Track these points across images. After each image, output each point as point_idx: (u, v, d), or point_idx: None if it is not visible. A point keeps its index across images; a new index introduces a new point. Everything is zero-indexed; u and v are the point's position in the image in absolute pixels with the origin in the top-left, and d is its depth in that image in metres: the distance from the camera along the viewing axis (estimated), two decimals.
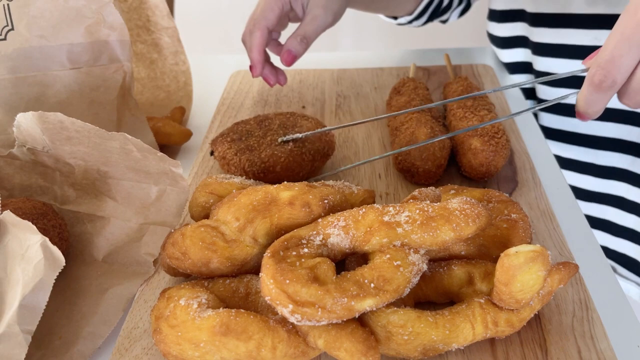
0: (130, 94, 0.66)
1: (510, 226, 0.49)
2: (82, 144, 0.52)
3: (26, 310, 0.42)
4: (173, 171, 0.52)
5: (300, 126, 0.64)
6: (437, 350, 0.42)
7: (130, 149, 0.51)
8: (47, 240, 0.44)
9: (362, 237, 0.44)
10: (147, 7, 0.78)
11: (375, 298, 0.40)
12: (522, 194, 0.61)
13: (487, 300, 0.44)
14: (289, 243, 0.44)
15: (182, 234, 0.47)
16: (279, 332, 0.41)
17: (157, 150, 0.51)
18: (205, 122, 0.80)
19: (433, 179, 0.62)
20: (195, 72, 0.88)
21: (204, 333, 0.41)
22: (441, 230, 0.43)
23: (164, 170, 0.53)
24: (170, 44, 0.80)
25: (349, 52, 1.00)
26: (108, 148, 0.52)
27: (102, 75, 0.64)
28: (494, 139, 0.61)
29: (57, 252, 0.44)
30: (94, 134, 0.51)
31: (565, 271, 0.45)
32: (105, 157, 0.53)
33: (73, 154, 0.54)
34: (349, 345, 0.40)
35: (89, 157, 0.54)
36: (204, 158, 0.70)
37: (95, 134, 0.50)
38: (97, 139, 0.51)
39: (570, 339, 0.45)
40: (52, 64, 0.62)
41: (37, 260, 0.43)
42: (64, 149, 0.54)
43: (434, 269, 0.47)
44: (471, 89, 0.72)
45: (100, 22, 0.62)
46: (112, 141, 0.51)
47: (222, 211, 0.48)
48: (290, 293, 0.40)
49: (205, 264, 0.46)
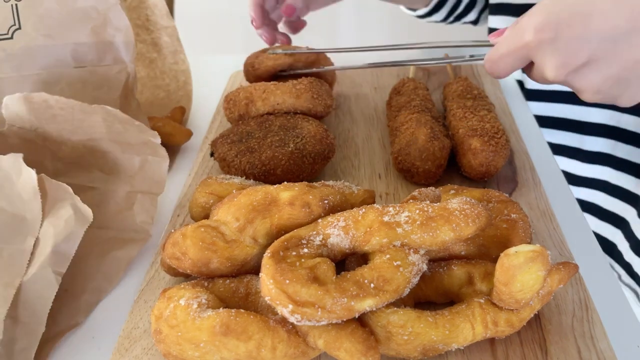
0: (132, 95, 0.67)
1: (510, 226, 0.49)
2: (67, 122, 0.57)
3: (58, 256, 0.48)
4: (152, 141, 0.57)
5: (301, 128, 0.64)
6: (437, 351, 0.42)
7: (111, 121, 0.56)
8: (78, 199, 0.50)
9: (362, 237, 0.44)
10: (147, 7, 0.78)
11: (375, 298, 0.40)
12: (522, 194, 0.61)
13: (487, 300, 0.44)
14: (288, 243, 0.44)
15: (182, 234, 0.47)
16: (279, 332, 0.41)
17: (134, 120, 0.55)
18: (205, 122, 0.80)
19: (433, 179, 0.62)
20: (195, 72, 0.88)
21: (204, 333, 0.41)
22: (441, 230, 0.43)
23: (144, 141, 0.57)
24: (169, 43, 0.80)
25: (349, 52, 1.00)
26: (91, 123, 0.56)
27: (106, 75, 0.65)
28: (493, 139, 0.61)
29: (87, 209, 0.50)
30: (78, 109, 0.55)
31: (565, 271, 0.45)
32: (89, 133, 0.58)
33: (59, 132, 0.58)
34: (349, 345, 0.40)
35: (75, 134, 0.58)
36: (204, 158, 0.70)
37: (79, 109, 0.55)
38: (81, 114, 0.55)
39: (570, 339, 0.45)
40: (57, 62, 0.63)
41: (68, 216, 0.49)
42: (51, 126, 0.57)
43: (434, 269, 0.47)
44: (471, 88, 0.72)
45: (106, 23, 0.63)
46: (94, 115, 0.55)
47: (222, 211, 0.48)
48: (290, 293, 0.40)
49: (205, 264, 0.46)
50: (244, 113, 0.69)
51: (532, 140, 0.72)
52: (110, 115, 0.55)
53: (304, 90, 0.67)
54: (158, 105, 0.81)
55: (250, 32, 0.85)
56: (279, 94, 0.67)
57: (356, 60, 0.96)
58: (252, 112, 0.68)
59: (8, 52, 0.61)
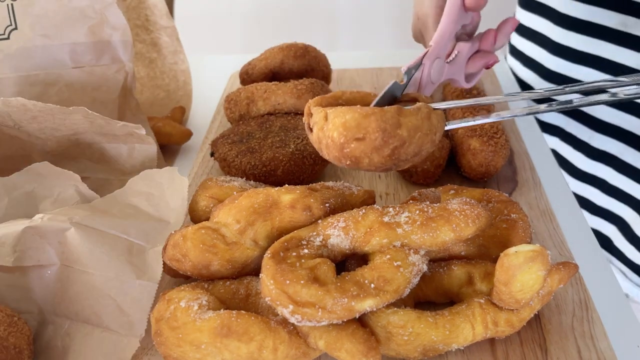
0: (131, 94, 0.67)
1: (510, 226, 0.49)
2: (47, 121, 0.57)
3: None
4: (137, 132, 0.58)
5: (301, 128, 0.64)
6: (437, 351, 0.42)
7: (93, 118, 0.56)
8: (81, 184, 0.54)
9: (362, 237, 0.44)
10: (146, 7, 0.78)
11: (375, 298, 0.40)
12: (522, 194, 0.61)
13: (487, 300, 0.44)
14: (289, 244, 0.44)
15: (182, 235, 0.47)
16: (280, 333, 0.41)
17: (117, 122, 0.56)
18: (205, 122, 0.80)
19: (432, 179, 0.62)
20: (195, 72, 0.88)
21: (205, 335, 0.41)
22: (441, 230, 0.44)
23: (129, 132, 0.58)
24: (169, 43, 0.80)
25: (349, 52, 1.00)
26: (73, 121, 0.57)
27: (104, 74, 0.64)
28: (493, 139, 0.61)
29: (92, 193, 0.54)
30: (57, 111, 0.55)
31: (565, 271, 0.45)
32: (73, 128, 0.58)
33: (42, 130, 0.59)
34: (349, 346, 0.40)
35: (58, 131, 0.59)
36: (204, 158, 0.70)
37: (59, 111, 0.55)
38: (61, 114, 0.56)
39: (570, 339, 0.45)
40: (55, 63, 0.63)
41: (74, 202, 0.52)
42: (32, 126, 0.58)
43: (434, 269, 0.47)
44: (470, 88, 0.72)
45: (103, 22, 0.63)
46: (74, 114, 0.56)
47: (222, 213, 0.48)
48: (291, 294, 0.40)
49: (205, 267, 0.46)
50: (245, 113, 0.69)
51: (532, 140, 0.72)
52: (91, 115, 0.56)
53: (305, 90, 0.67)
54: (158, 105, 0.81)
55: (250, 32, 0.85)
56: (280, 94, 0.67)
57: (356, 60, 0.96)
58: (253, 112, 0.68)
59: (5, 52, 0.61)
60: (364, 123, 0.44)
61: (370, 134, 0.44)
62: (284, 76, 0.75)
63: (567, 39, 0.80)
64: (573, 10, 0.78)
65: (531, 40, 0.88)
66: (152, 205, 0.53)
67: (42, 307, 0.48)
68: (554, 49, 0.82)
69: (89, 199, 0.54)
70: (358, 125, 0.44)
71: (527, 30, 0.88)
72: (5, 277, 0.48)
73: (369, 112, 0.44)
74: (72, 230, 0.47)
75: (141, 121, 0.68)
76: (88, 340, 0.46)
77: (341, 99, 0.51)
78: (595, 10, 0.76)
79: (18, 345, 0.43)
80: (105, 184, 0.61)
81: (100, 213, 0.50)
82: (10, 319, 0.44)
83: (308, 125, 0.49)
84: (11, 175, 0.56)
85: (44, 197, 0.55)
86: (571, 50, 0.80)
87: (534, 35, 0.87)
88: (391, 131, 0.44)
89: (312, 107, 0.49)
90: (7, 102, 0.54)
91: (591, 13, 0.76)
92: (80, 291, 0.47)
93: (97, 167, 0.62)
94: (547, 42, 0.84)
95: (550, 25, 0.83)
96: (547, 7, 0.83)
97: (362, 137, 0.44)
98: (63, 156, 0.62)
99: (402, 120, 0.44)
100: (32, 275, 0.48)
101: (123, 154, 0.60)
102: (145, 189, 0.54)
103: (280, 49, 0.74)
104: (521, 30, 0.89)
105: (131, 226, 0.50)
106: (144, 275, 0.47)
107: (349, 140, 0.44)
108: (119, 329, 0.46)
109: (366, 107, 0.45)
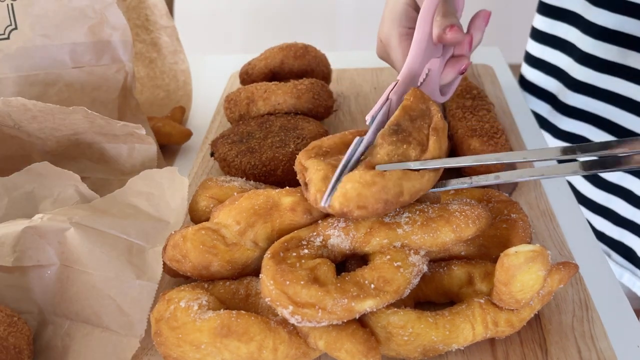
0: (131, 94, 0.67)
1: (510, 226, 0.49)
2: (47, 121, 0.57)
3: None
4: (137, 132, 0.58)
5: (301, 128, 0.64)
6: (437, 351, 0.42)
7: (93, 118, 0.56)
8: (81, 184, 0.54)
9: (362, 238, 0.44)
10: (146, 7, 0.78)
11: (375, 299, 0.40)
12: (522, 194, 0.61)
13: (487, 300, 0.44)
14: (289, 244, 0.44)
15: (182, 236, 0.47)
16: (280, 334, 0.41)
17: (117, 121, 0.56)
18: (205, 122, 0.80)
19: None
20: (195, 72, 0.88)
21: (205, 335, 0.41)
22: (441, 231, 0.44)
23: (129, 132, 0.58)
24: (169, 43, 0.80)
25: (349, 52, 1.00)
26: (73, 121, 0.57)
27: (104, 74, 0.65)
28: (493, 139, 0.61)
29: (92, 193, 0.54)
30: (57, 111, 0.56)
31: (565, 271, 0.45)
32: (73, 128, 0.58)
33: (42, 130, 0.59)
34: (349, 346, 0.40)
35: (58, 131, 0.59)
36: (204, 158, 0.70)
37: (59, 111, 0.55)
38: (61, 114, 0.56)
39: (570, 339, 0.45)
40: (55, 62, 0.63)
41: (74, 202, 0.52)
42: (32, 126, 0.58)
43: (434, 269, 0.47)
44: (470, 88, 0.72)
45: (103, 22, 0.63)
46: (74, 114, 0.56)
47: (223, 214, 0.48)
48: (291, 294, 0.40)
49: (205, 267, 0.46)
50: (245, 113, 0.68)
51: (532, 140, 0.72)
52: (91, 115, 0.56)
53: (305, 90, 0.67)
54: (158, 105, 0.81)
55: (250, 32, 0.85)
56: (280, 94, 0.67)
57: (356, 60, 0.96)
58: (253, 112, 0.68)
59: (5, 52, 0.61)
60: (365, 193, 0.42)
61: (372, 205, 0.43)
62: (284, 76, 0.75)
63: (595, 48, 0.78)
64: (602, 19, 0.76)
65: (555, 48, 0.85)
66: (152, 205, 0.53)
67: (42, 307, 0.48)
68: (581, 58, 0.80)
69: (88, 199, 0.54)
70: (359, 195, 0.42)
71: (550, 37, 0.86)
72: (5, 277, 0.48)
73: (369, 181, 0.43)
74: (71, 230, 0.47)
75: (141, 121, 0.67)
76: (88, 340, 0.46)
77: (323, 147, 0.49)
78: (625, 19, 0.74)
79: (18, 345, 0.43)
80: (105, 184, 0.61)
81: (100, 213, 0.50)
82: (10, 319, 0.44)
83: (304, 182, 0.47)
84: (11, 175, 0.56)
85: (43, 197, 0.55)
86: (599, 60, 0.78)
87: (558, 43, 0.85)
88: (393, 200, 0.43)
89: (304, 161, 0.47)
90: (7, 102, 0.55)
91: (621, 22, 0.74)
92: (80, 291, 0.47)
93: (97, 167, 0.62)
94: (573, 50, 0.82)
95: (578, 34, 0.80)
96: (574, 15, 0.81)
97: (364, 205, 0.43)
98: (63, 156, 0.62)
99: (404, 186, 0.43)
100: (32, 275, 0.48)
101: (123, 154, 0.61)
102: (145, 189, 0.53)
103: (280, 49, 0.74)
104: (542, 37, 0.87)
105: (131, 226, 0.50)
106: (144, 275, 0.47)
107: (351, 210, 0.43)
108: (119, 329, 0.46)
109: (368, 173, 0.43)
